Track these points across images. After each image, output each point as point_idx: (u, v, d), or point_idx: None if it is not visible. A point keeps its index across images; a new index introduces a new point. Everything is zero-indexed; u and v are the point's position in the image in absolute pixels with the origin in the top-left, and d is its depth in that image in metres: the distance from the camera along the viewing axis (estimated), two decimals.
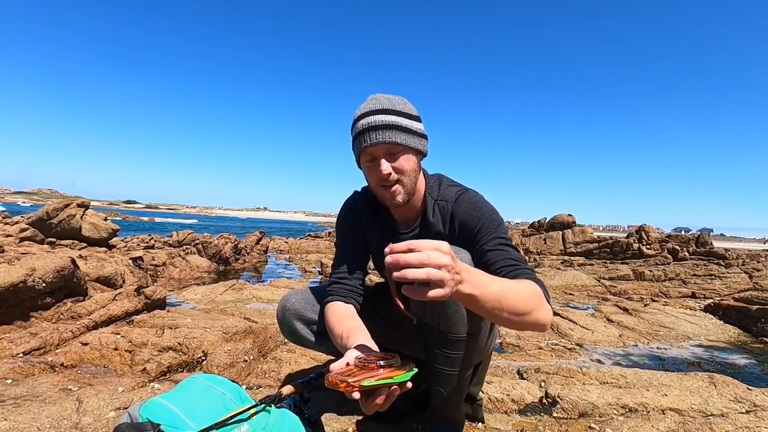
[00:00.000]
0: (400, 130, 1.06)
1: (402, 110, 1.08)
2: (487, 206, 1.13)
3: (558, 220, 13.98)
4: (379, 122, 1.04)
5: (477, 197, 1.15)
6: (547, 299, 0.93)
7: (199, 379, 1.14)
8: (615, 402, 1.60)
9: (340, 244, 1.29)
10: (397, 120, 1.06)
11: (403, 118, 1.07)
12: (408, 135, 1.07)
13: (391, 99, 1.09)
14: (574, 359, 2.80)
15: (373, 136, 1.04)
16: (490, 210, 1.12)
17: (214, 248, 8.13)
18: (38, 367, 1.75)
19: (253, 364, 2.07)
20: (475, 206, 1.12)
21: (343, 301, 1.19)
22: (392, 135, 1.04)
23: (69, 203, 7.56)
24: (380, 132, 1.04)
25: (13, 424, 1.22)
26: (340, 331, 1.06)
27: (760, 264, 8.69)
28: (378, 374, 0.71)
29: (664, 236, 12.70)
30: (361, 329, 1.05)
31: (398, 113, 1.07)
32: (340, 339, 1.04)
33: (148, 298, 2.94)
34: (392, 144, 1.05)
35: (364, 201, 1.26)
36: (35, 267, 2.73)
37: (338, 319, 1.11)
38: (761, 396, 1.61)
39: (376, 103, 1.07)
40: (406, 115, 1.08)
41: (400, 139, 1.05)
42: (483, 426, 1.45)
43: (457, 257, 0.97)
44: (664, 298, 6.40)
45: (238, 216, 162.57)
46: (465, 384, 1.16)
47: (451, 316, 1.03)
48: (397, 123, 1.06)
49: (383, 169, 1.05)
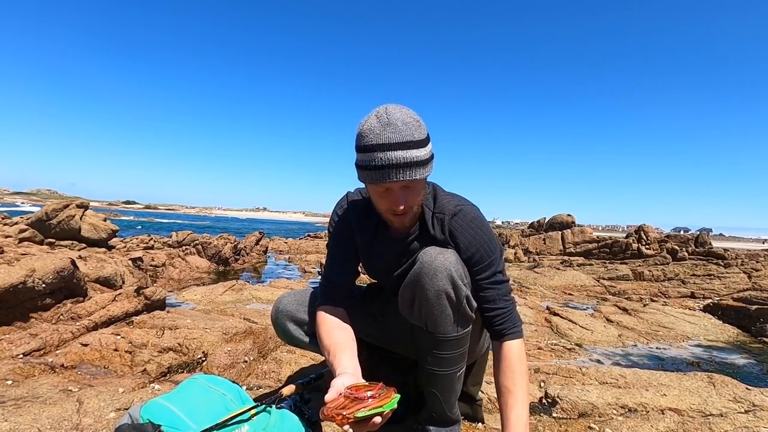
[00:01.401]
0: (420, 165, 1.01)
1: (419, 138, 1.02)
2: (485, 231, 1.11)
3: (557, 220, 14.00)
4: (401, 160, 0.99)
5: (475, 216, 1.12)
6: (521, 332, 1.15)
7: (199, 380, 1.14)
8: (614, 402, 1.60)
9: (331, 247, 1.28)
10: (418, 155, 1.00)
11: (421, 149, 1.02)
12: (424, 168, 1.03)
13: (408, 124, 1.01)
14: (573, 359, 2.80)
15: (393, 174, 1.00)
16: (488, 236, 1.11)
17: (213, 249, 8.13)
18: (38, 368, 1.75)
19: (253, 364, 2.07)
20: (475, 232, 1.10)
21: (333, 305, 1.18)
22: (413, 173, 1.00)
23: (68, 204, 7.56)
24: (402, 171, 0.99)
25: (14, 425, 1.22)
26: (328, 343, 1.09)
27: (759, 264, 8.70)
28: (368, 404, 0.82)
29: (664, 236, 12.71)
30: (348, 344, 1.08)
31: (416, 144, 1.01)
32: (327, 353, 1.08)
33: (147, 298, 2.94)
34: (412, 181, 1.02)
35: (356, 204, 1.24)
36: (35, 268, 2.73)
37: (327, 330, 1.12)
38: (760, 396, 1.61)
39: (395, 133, 0.99)
40: (422, 144, 1.03)
41: (419, 176, 1.02)
42: (483, 426, 1.45)
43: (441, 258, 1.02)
44: (663, 298, 6.41)
45: (238, 216, 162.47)
46: (458, 383, 1.16)
47: (438, 317, 1.03)
48: (417, 159, 1.00)
49: (398, 204, 1.04)
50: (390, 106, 1.03)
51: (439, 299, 1.01)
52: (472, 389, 1.44)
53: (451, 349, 1.08)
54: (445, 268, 1.01)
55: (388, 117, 1.00)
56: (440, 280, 1.00)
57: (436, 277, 1.00)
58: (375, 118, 1.00)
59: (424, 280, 1.02)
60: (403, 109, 1.03)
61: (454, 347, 1.08)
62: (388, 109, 1.02)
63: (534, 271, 7.88)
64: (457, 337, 1.07)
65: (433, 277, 1.00)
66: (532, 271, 7.97)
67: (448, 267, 1.01)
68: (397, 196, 1.04)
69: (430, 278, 1.01)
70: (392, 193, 1.04)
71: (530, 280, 7.10)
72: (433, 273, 1.01)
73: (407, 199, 1.05)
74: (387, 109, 1.02)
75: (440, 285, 1.00)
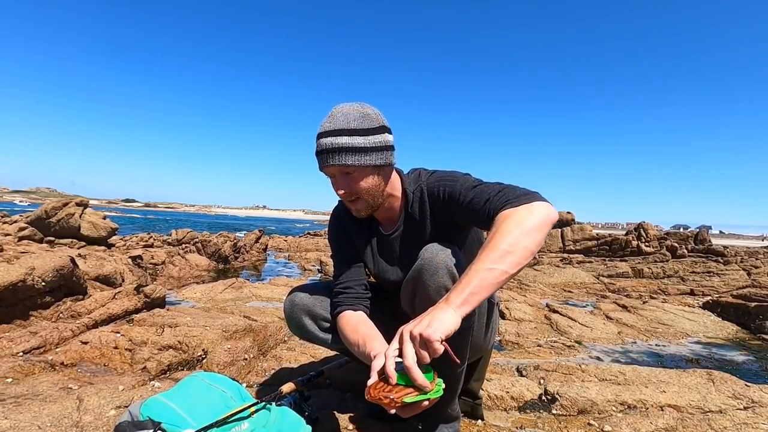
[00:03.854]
0: (352, 151, 1.06)
1: (357, 127, 1.07)
2: (450, 174, 1.12)
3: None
4: (329, 145, 1.06)
5: (443, 172, 1.16)
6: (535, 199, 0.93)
7: (199, 377, 1.14)
8: (614, 399, 1.60)
9: (335, 254, 1.32)
10: (350, 141, 1.06)
11: (357, 137, 1.06)
12: (361, 155, 1.07)
13: (348, 114, 1.08)
14: (573, 356, 2.81)
15: (325, 158, 1.08)
16: (453, 177, 1.11)
17: (213, 247, 8.13)
18: (38, 366, 1.75)
19: (253, 362, 2.07)
20: (439, 179, 1.13)
21: (352, 309, 1.20)
22: (343, 158, 1.06)
23: (68, 202, 7.56)
24: (331, 155, 1.07)
25: (14, 423, 1.22)
26: (356, 339, 1.10)
27: (758, 261, 8.72)
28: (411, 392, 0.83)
29: (663, 233, 12.73)
30: (375, 334, 1.10)
31: (352, 132, 1.06)
32: (357, 347, 1.08)
33: (147, 296, 2.94)
34: (343, 166, 1.08)
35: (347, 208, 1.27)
36: (34, 266, 2.72)
37: (351, 328, 1.14)
38: (759, 392, 1.62)
39: (331, 123, 1.07)
40: (361, 132, 1.07)
41: (351, 161, 1.06)
42: (482, 423, 1.45)
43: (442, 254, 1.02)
44: (662, 295, 6.43)
45: (237, 214, 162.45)
46: (459, 380, 1.16)
47: None
48: (348, 145, 1.06)
49: (337, 188, 1.12)
50: (345, 103, 1.11)
51: (439, 295, 1.01)
52: (473, 384, 1.44)
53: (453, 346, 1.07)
54: (446, 265, 1.01)
55: (332, 111, 1.10)
56: (441, 276, 1.00)
57: (437, 273, 1.01)
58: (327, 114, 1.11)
59: (425, 276, 1.02)
60: (354, 105, 1.11)
61: (456, 343, 1.07)
62: (339, 105, 1.10)
63: (534, 269, 7.89)
64: (459, 334, 1.07)
65: (434, 273, 1.01)
66: (532, 268, 7.98)
67: (449, 263, 1.02)
68: (337, 182, 1.12)
69: (431, 274, 1.01)
70: (335, 179, 1.12)
71: (530, 278, 7.11)
72: (434, 269, 1.01)
73: (349, 185, 1.11)
74: (338, 105, 1.10)
75: (441, 281, 1.00)
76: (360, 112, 1.09)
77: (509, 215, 0.91)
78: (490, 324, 1.24)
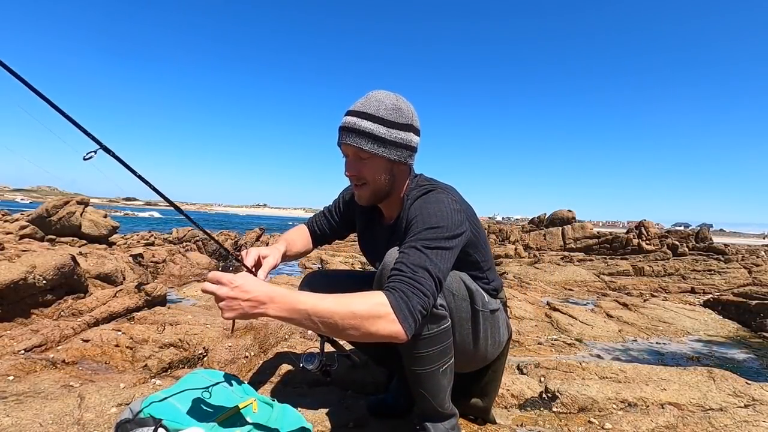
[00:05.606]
0: (371, 138, 1.06)
1: (385, 117, 1.06)
2: (434, 206, 1.05)
3: (558, 215, 13.99)
4: (351, 124, 1.07)
5: (434, 197, 1.09)
6: (403, 311, 0.89)
7: (200, 375, 1.14)
8: (614, 396, 1.61)
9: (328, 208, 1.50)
10: (372, 127, 1.05)
11: (381, 126, 1.06)
12: (379, 144, 1.06)
13: (381, 102, 1.07)
14: (573, 354, 2.81)
15: (344, 135, 1.09)
16: (433, 211, 1.04)
17: (214, 245, 8.13)
18: (40, 364, 1.76)
19: (254, 360, 2.08)
20: (421, 205, 1.07)
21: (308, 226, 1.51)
22: (359, 141, 1.06)
23: (68, 200, 7.55)
24: (350, 135, 1.07)
25: (16, 420, 1.22)
26: (283, 236, 1.43)
27: (759, 259, 8.71)
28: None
29: (664, 232, 12.72)
30: (289, 239, 1.41)
31: (377, 120, 1.06)
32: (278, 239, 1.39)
33: (148, 294, 2.94)
34: (358, 149, 1.08)
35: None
36: (36, 264, 2.73)
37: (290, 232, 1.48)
38: (760, 390, 1.62)
39: (363, 104, 1.08)
40: (387, 123, 1.06)
41: (367, 147, 1.06)
42: (482, 421, 1.45)
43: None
44: (663, 294, 6.42)
45: (238, 213, 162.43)
46: (443, 379, 1.11)
47: None
48: (369, 130, 1.05)
49: (347, 169, 1.13)
50: (388, 91, 1.11)
51: None
52: (474, 399, 1.39)
53: (428, 347, 1.05)
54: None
55: (369, 93, 1.10)
56: None
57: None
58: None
59: (382, 280, 1.01)
60: (391, 95, 1.10)
61: (430, 345, 1.05)
62: (377, 91, 1.10)
63: (534, 267, 7.89)
64: (431, 335, 1.04)
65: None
66: (533, 266, 7.98)
67: None
68: (349, 162, 1.13)
69: (386, 278, 0.99)
70: (348, 160, 1.14)
71: (530, 276, 7.10)
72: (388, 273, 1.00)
73: (359, 170, 1.11)
74: (376, 91, 1.10)
75: None
76: (394, 104, 1.08)
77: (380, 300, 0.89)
78: (479, 332, 1.17)
